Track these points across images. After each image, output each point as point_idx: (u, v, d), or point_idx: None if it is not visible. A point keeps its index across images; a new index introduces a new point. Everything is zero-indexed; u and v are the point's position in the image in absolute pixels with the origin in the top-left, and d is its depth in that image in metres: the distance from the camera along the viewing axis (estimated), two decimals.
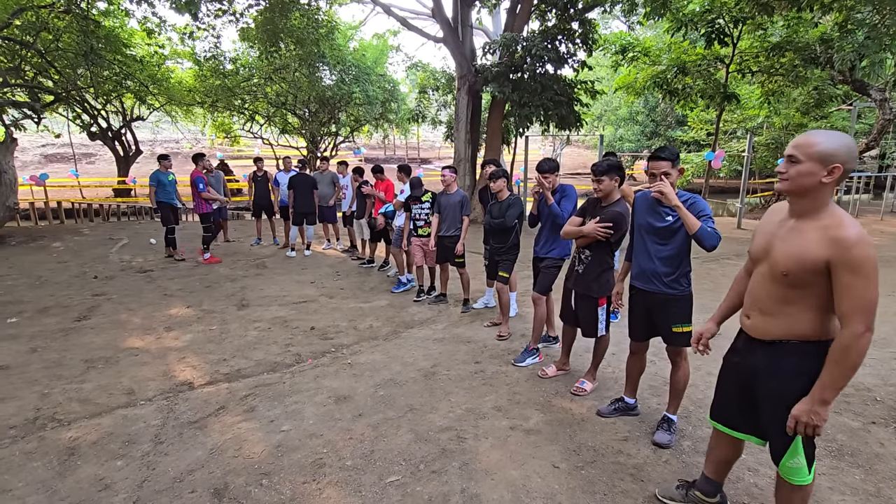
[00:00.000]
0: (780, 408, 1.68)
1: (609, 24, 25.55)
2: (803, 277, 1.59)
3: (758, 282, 1.76)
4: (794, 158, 1.59)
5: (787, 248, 1.63)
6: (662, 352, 2.92)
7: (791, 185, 1.62)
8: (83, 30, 9.64)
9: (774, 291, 1.68)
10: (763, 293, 1.72)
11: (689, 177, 19.14)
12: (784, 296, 1.66)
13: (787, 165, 1.62)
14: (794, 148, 1.60)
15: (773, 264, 1.67)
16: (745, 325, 1.83)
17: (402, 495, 2.29)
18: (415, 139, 32.48)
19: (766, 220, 1.81)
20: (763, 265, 1.74)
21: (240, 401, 3.23)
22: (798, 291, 1.63)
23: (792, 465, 1.71)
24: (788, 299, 1.65)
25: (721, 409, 1.99)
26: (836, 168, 1.54)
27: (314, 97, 16.68)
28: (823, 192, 1.59)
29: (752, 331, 1.79)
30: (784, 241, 1.65)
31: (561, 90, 10.64)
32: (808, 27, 10.66)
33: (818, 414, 1.57)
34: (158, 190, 7.24)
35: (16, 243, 8.69)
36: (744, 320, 1.84)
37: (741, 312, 1.88)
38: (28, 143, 26.59)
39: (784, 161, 1.64)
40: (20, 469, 2.52)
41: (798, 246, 1.60)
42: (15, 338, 4.37)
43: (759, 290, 1.75)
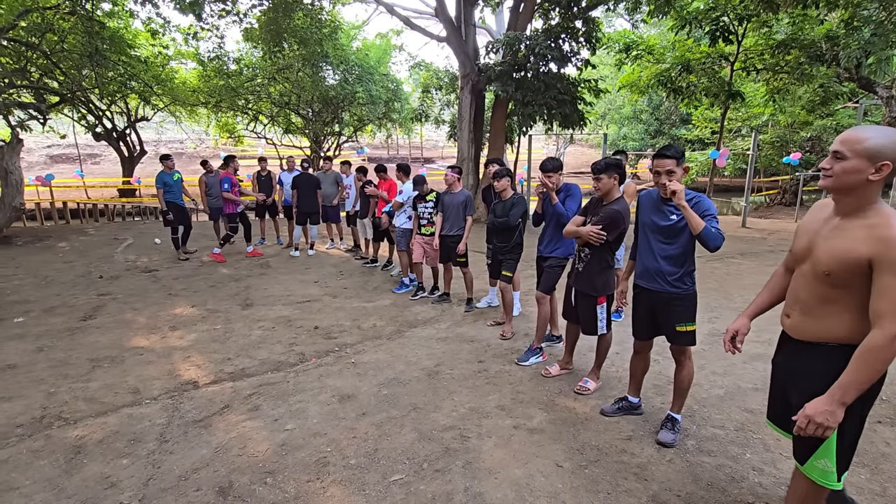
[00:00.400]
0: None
1: (612, 23, 25.49)
2: (845, 277, 1.54)
3: (800, 281, 1.71)
4: (840, 154, 1.52)
5: (830, 246, 1.57)
6: (666, 351, 2.91)
7: (836, 182, 1.54)
8: (88, 31, 9.70)
9: (816, 291, 1.63)
10: (805, 293, 1.68)
11: (693, 175, 19.08)
12: (826, 296, 1.61)
13: (831, 161, 1.55)
14: (841, 143, 1.52)
15: (816, 263, 1.61)
16: (785, 325, 1.79)
17: (405, 494, 2.30)
18: (418, 139, 32.50)
19: (809, 217, 1.75)
20: (806, 264, 1.68)
21: (244, 400, 3.25)
22: (839, 292, 1.57)
23: (820, 465, 1.65)
24: (830, 299, 1.60)
25: (770, 408, 1.98)
26: (885, 165, 1.46)
27: (317, 97, 16.72)
28: (870, 189, 1.51)
29: (791, 330, 1.76)
30: (827, 239, 1.59)
31: (564, 89, 10.62)
32: (813, 24, 10.57)
33: (834, 415, 1.51)
34: (165, 191, 7.29)
35: (22, 243, 8.75)
36: (784, 319, 1.80)
37: (782, 311, 1.83)
38: (34, 144, 26.77)
39: (829, 157, 1.56)
40: (27, 467, 2.54)
41: (841, 245, 1.54)
42: (22, 337, 4.40)
43: (800, 289, 1.70)
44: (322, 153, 18.20)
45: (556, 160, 3.81)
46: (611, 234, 3.00)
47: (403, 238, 5.84)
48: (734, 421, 2.92)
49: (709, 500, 2.23)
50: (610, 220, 2.98)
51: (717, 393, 3.28)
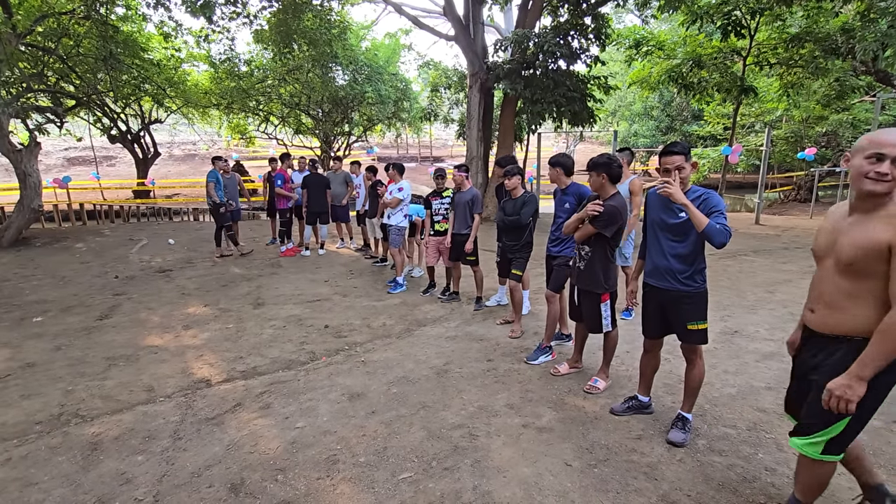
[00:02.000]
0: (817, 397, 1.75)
1: (622, 19, 25.23)
2: (867, 265, 1.62)
3: (823, 277, 1.79)
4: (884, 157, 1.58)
5: (851, 238, 1.67)
6: (677, 349, 2.89)
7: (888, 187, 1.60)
8: (102, 35, 9.85)
9: (840, 284, 1.72)
10: (829, 287, 1.76)
11: (705, 172, 18.82)
12: (849, 289, 1.69)
13: (892, 167, 1.58)
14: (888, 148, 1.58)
15: (839, 256, 1.70)
16: (808, 319, 1.86)
17: (414, 492, 2.31)
18: (427, 137, 32.51)
19: (827, 220, 1.84)
20: (828, 260, 1.77)
21: (256, 398, 3.29)
22: (862, 283, 1.66)
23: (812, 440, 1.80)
24: (852, 293, 1.69)
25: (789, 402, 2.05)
26: None
27: (327, 97, 16.80)
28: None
29: (815, 325, 1.83)
30: (847, 233, 1.69)
31: (574, 86, 10.55)
32: (828, 17, 10.37)
33: (852, 388, 1.61)
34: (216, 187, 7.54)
35: (40, 244, 8.94)
36: (807, 315, 1.87)
37: (805, 306, 1.90)
38: (51, 147, 27.31)
39: (889, 163, 1.58)
40: (46, 463, 2.60)
41: (863, 234, 1.64)
42: (40, 336, 4.50)
43: (824, 284, 1.78)
44: (332, 153, 18.30)
45: (567, 157, 3.81)
46: (608, 230, 3.00)
47: (399, 236, 5.85)
48: (746, 420, 2.89)
49: (720, 501, 2.21)
50: (608, 216, 2.97)
51: (729, 392, 3.24)
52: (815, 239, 1.88)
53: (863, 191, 1.64)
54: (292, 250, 8.04)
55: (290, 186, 7.85)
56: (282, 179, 7.75)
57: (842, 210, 1.79)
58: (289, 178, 7.86)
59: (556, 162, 3.77)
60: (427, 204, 5.49)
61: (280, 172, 7.80)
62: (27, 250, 8.45)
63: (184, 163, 30.02)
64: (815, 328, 1.82)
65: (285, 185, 7.76)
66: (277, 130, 19.85)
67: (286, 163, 7.98)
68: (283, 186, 7.74)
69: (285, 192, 7.75)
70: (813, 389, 1.81)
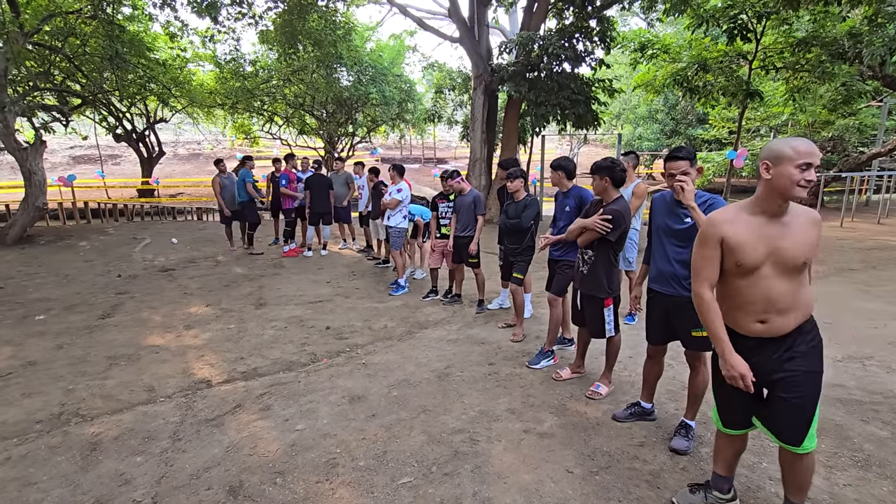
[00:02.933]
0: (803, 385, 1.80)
1: (628, 22, 25.21)
2: (809, 261, 1.79)
3: (767, 285, 1.80)
4: (807, 166, 1.71)
5: (797, 241, 1.76)
6: (680, 356, 2.86)
7: (808, 192, 1.79)
8: (109, 34, 9.89)
9: (789, 287, 1.78)
10: (778, 293, 1.79)
11: (709, 176, 18.76)
12: (794, 287, 1.79)
13: (814, 173, 1.71)
14: (807, 156, 1.70)
15: (788, 259, 1.76)
16: (759, 330, 1.84)
17: (413, 497, 2.29)
18: (431, 139, 32.52)
19: (738, 231, 1.80)
20: (766, 268, 1.79)
21: (256, 399, 3.28)
22: (802, 276, 1.80)
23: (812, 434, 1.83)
24: (797, 287, 1.80)
25: (732, 416, 2.03)
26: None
27: (332, 98, 16.83)
28: None
29: (771, 332, 1.82)
30: (788, 238, 1.76)
31: (578, 89, 10.53)
32: (835, 21, 10.31)
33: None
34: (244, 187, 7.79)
35: (44, 242, 8.97)
36: (756, 327, 1.84)
37: (748, 321, 1.85)
38: (57, 145, 27.46)
39: (813, 170, 1.71)
40: (45, 463, 2.60)
41: (805, 236, 1.77)
42: (42, 334, 4.51)
43: (771, 291, 1.79)
44: (336, 154, 18.33)
45: (567, 160, 3.79)
46: (612, 234, 2.98)
47: (399, 238, 5.84)
48: None
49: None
50: (612, 220, 2.95)
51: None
52: (739, 254, 1.78)
53: (793, 197, 1.74)
54: (295, 250, 8.05)
55: (295, 187, 7.87)
56: (287, 179, 7.78)
57: (746, 218, 1.81)
58: (294, 178, 7.89)
59: (557, 165, 3.75)
60: (433, 206, 5.49)
61: (285, 173, 7.84)
62: (31, 248, 8.48)
63: (188, 162, 30.13)
64: (767, 335, 1.83)
65: (290, 186, 7.77)
66: (282, 131, 19.90)
67: (291, 163, 8.00)
68: (289, 186, 7.75)
69: (290, 193, 7.78)
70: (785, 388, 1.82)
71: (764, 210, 1.80)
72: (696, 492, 2.19)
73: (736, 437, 2.07)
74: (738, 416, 2.01)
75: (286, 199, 7.87)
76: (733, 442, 2.08)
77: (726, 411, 2.04)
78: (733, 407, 2.01)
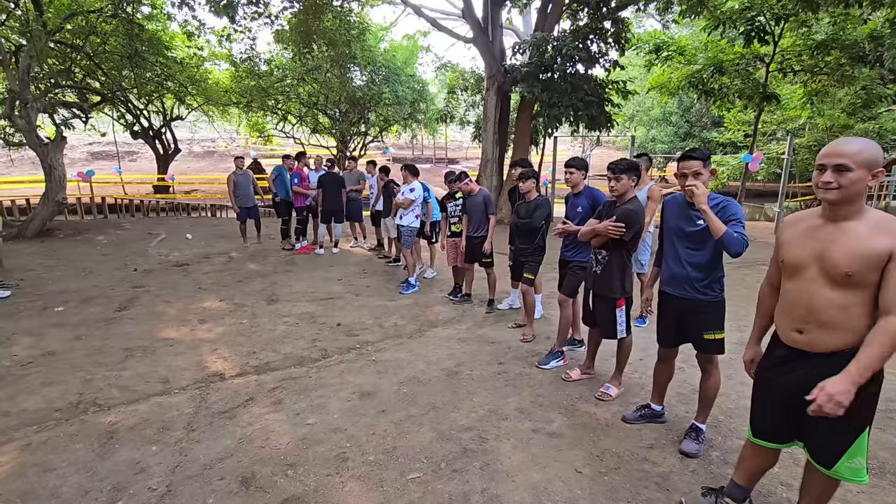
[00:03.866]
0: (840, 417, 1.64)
1: (643, 23, 24.99)
2: (866, 275, 1.60)
3: (809, 292, 1.71)
4: (846, 167, 1.61)
5: (845, 248, 1.63)
6: (691, 358, 2.85)
7: (844, 194, 1.63)
8: (128, 33, 10.09)
9: (834, 298, 1.66)
10: (819, 302, 1.68)
11: (724, 179, 18.53)
12: (842, 302, 1.65)
13: (835, 175, 1.63)
14: (841, 157, 1.62)
15: (831, 267, 1.65)
16: (797, 341, 1.77)
17: (423, 492, 2.31)
18: (443, 139, 32.57)
19: (795, 230, 1.80)
20: (811, 271, 1.71)
21: (268, 393, 3.32)
22: (858, 294, 1.63)
23: (853, 465, 1.72)
24: (845, 305, 1.64)
25: (763, 425, 1.96)
26: (881, 172, 1.63)
27: (345, 97, 16.95)
28: (863, 195, 1.66)
29: (807, 346, 1.74)
30: (837, 242, 1.65)
31: (592, 90, 10.48)
32: (856, 24, 10.14)
33: (849, 394, 1.57)
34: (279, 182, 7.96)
35: (63, 236, 9.17)
36: (794, 336, 1.77)
37: (788, 328, 1.80)
38: (76, 142, 28.00)
39: (830, 171, 1.64)
40: (63, 450, 2.66)
41: (857, 243, 1.61)
42: (61, 325, 4.61)
43: (813, 300, 1.70)
44: (348, 153, 18.45)
45: (582, 160, 3.78)
46: (627, 234, 2.97)
47: (410, 237, 5.87)
48: None
49: None
50: (626, 220, 2.94)
51: (745, 403, 3.16)
52: (783, 250, 1.81)
53: (821, 200, 1.70)
54: (307, 248, 8.13)
55: (307, 185, 7.95)
56: (299, 178, 7.85)
57: (808, 220, 1.77)
58: (305, 176, 7.97)
59: (577, 164, 3.73)
60: (442, 206, 5.53)
61: (297, 171, 7.91)
62: (51, 241, 8.67)
63: (203, 159, 30.55)
64: (806, 348, 1.75)
65: (302, 184, 7.85)
66: (295, 129, 20.08)
67: (302, 161, 8.07)
68: (301, 185, 7.83)
69: (302, 190, 7.85)
70: None
71: (823, 212, 1.74)
72: (707, 495, 2.17)
73: (762, 450, 1.98)
74: (769, 425, 1.92)
75: (298, 196, 7.96)
76: (758, 454, 2.00)
77: (758, 417, 1.97)
78: (766, 414, 1.93)
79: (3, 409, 3.09)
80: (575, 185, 3.77)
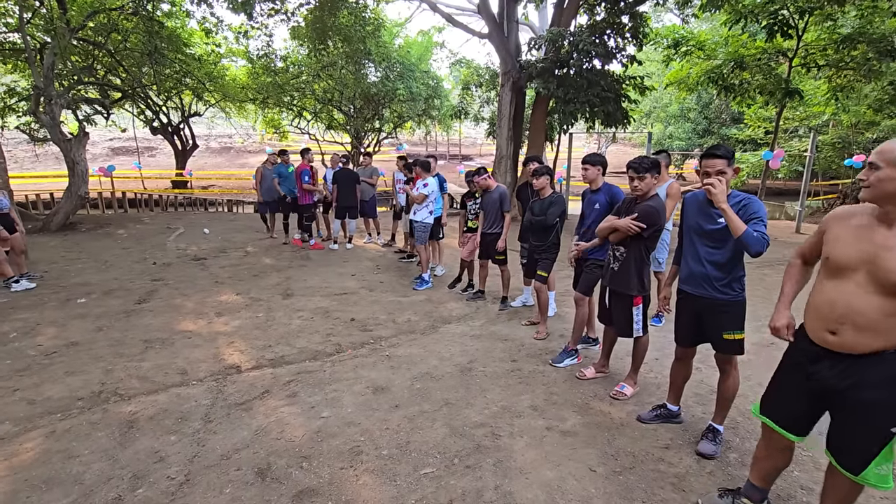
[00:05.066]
0: (871, 417, 1.64)
1: (661, 18, 24.58)
2: None
3: (853, 294, 1.64)
4: (875, 165, 1.60)
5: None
6: (709, 358, 2.81)
7: (873, 192, 1.62)
8: (149, 30, 10.25)
9: (881, 305, 1.58)
10: (863, 306, 1.61)
11: (744, 177, 18.18)
12: (890, 308, 1.58)
13: (868, 172, 1.62)
14: (875, 154, 1.61)
15: (885, 276, 1.57)
16: (830, 342, 1.71)
17: (436, 487, 2.32)
18: (457, 136, 32.50)
19: (846, 225, 1.72)
20: (858, 275, 1.64)
21: (283, 386, 3.36)
22: None
23: (880, 471, 1.68)
24: (893, 311, 1.58)
25: (778, 408, 1.91)
26: None
27: (359, 94, 17.01)
28: None
29: (840, 348, 1.68)
30: (893, 250, 1.56)
31: (608, 86, 10.34)
32: (884, 17, 9.82)
33: None
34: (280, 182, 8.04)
35: (85, 230, 9.39)
36: (826, 337, 1.71)
37: (820, 328, 1.73)
38: (97, 137, 28.59)
39: (866, 168, 1.64)
40: (86, 438, 2.73)
41: None
42: (84, 317, 4.72)
43: (856, 303, 1.63)
44: (362, 149, 18.53)
45: (599, 155, 3.74)
46: (646, 231, 2.92)
47: (424, 233, 5.87)
48: None
49: None
50: (646, 217, 2.90)
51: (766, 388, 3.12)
52: (829, 246, 1.74)
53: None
54: (315, 245, 8.14)
55: (315, 182, 7.91)
56: (308, 175, 7.80)
57: (860, 217, 1.69)
58: (314, 173, 7.93)
59: (592, 160, 3.69)
60: (462, 205, 5.64)
61: (305, 168, 7.82)
62: (73, 235, 8.88)
63: (220, 155, 30.96)
64: (838, 350, 1.68)
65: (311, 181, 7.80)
66: (310, 126, 20.23)
67: (307, 157, 7.96)
68: (310, 182, 7.78)
69: (310, 187, 7.83)
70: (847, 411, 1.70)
71: (874, 212, 1.67)
72: (724, 496, 2.15)
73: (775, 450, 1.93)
74: (787, 412, 1.86)
75: (305, 194, 7.90)
76: (772, 454, 1.97)
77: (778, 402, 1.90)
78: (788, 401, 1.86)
79: (28, 397, 3.18)
80: (592, 180, 3.72)
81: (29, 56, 8.80)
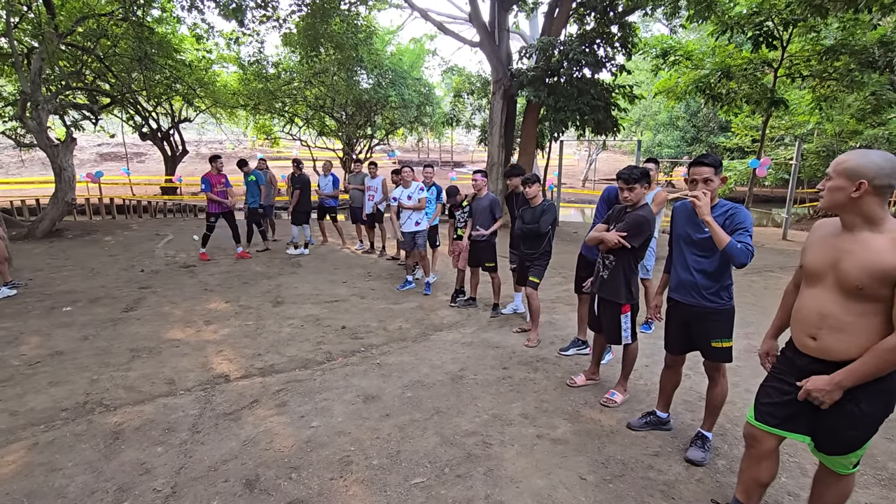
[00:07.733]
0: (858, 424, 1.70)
1: (650, 28, 24.99)
2: (877, 289, 1.57)
3: (825, 299, 1.71)
4: (828, 175, 1.71)
5: (858, 260, 1.61)
6: (698, 365, 2.83)
7: (826, 201, 1.71)
8: (138, 36, 10.19)
9: (848, 308, 1.65)
10: (835, 309, 1.68)
11: (731, 185, 18.42)
12: (858, 311, 1.63)
13: (824, 182, 1.73)
14: (831, 165, 1.71)
15: (844, 278, 1.64)
16: (811, 348, 1.76)
17: (426, 497, 2.31)
18: (448, 143, 32.63)
19: (817, 235, 1.81)
20: (827, 280, 1.71)
21: (272, 395, 3.33)
22: (871, 305, 1.61)
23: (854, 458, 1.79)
24: (862, 315, 1.63)
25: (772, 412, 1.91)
26: (862, 184, 1.60)
27: (351, 100, 17.03)
28: (864, 206, 1.62)
29: (821, 353, 1.73)
30: (852, 253, 1.63)
31: (598, 94, 10.47)
32: (865, 29, 10.06)
33: (831, 393, 1.67)
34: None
35: (72, 236, 9.25)
36: (808, 343, 1.77)
37: (802, 333, 1.80)
38: (85, 143, 28.29)
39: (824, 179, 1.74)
40: (70, 449, 2.68)
41: (869, 257, 1.58)
42: (69, 325, 4.65)
43: (827, 307, 1.70)
44: (354, 155, 18.52)
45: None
46: (636, 241, 2.95)
47: (423, 238, 5.91)
48: None
49: None
50: (635, 226, 2.93)
51: None
52: (805, 254, 1.82)
53: None
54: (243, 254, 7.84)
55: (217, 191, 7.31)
56: (207, 184, 7.23)
57: (832, 226, 1.76)
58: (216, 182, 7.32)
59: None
60: (450, 214, 5.70)
61: (205, 176, 7.26)
62: (59, 241, 8.75)
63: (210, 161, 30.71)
64: (820, 356, 1.73)
65: (213, 190, 7.24)
66: (301, 132, 20.18)
67: (214, 164, 7.40)
68: (212, 191, 7.23)
69: (215, 197, 7.27)
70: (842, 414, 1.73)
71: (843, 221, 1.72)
72: None
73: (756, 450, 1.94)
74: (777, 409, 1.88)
75: (211, 203, 7.34)
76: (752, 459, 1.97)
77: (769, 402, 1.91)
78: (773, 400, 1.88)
79: (10, 408, 3.12)
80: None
81: (16, 61, 8.70)
